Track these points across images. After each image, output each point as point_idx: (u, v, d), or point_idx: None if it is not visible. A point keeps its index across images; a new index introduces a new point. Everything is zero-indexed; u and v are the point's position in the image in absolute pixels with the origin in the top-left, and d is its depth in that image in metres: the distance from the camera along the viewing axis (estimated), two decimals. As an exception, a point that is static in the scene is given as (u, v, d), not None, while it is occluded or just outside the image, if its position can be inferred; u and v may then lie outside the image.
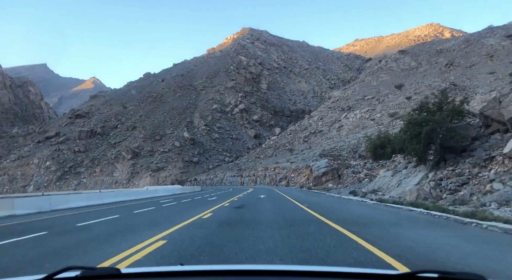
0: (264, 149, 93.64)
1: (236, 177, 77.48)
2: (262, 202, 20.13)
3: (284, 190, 41.62)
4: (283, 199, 23.17)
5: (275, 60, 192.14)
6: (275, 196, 28.08)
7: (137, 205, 21.13)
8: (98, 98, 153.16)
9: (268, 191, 39.77)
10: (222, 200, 22.84)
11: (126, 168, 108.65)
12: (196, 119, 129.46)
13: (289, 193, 32.95)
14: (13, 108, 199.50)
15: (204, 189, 62.71)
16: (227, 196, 29.34)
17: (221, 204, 18.53)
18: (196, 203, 21.27)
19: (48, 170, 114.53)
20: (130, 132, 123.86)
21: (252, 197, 26.39)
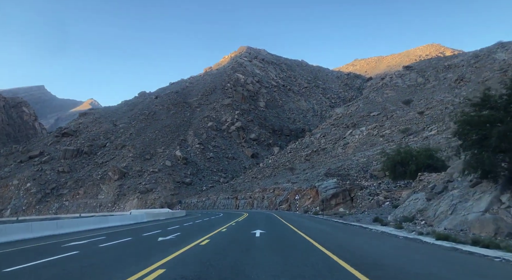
0: (262, 168, 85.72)
1: (230, 199, 69.20)
2: (257, 251, 10.01)
3: (288, 216, 33.49)
4: (297, 239, 14.16)
5: (274, 79, 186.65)
6: (279, 230, 18.74)
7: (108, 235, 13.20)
8: (87, 116, 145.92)
9: (267, 218, 31.58)
10: (185, 240, 13.29)
11: (112, 189, 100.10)
12: (190, 137, 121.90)
13: (298, 222, 24.76)
14: (6, 128, 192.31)
15: (190, 213, 54.49)
16: (202, 228, 20.92)
17: (163, 260, 8.62)
18: (122, 251, 11.38)
19: (27, 192, 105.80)
20: (118, 151, 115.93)
21: (241, 232, 17.36)
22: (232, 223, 24.54)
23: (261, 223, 24.20)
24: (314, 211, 41.31)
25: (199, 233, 16.46)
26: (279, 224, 22.85)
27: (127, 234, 18.56)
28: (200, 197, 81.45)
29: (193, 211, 68.98)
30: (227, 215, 40.26)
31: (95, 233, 19.35)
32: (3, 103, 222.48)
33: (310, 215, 38.93)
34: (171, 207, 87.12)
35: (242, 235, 15.51)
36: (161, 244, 12.83)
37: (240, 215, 38.31)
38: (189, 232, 18.79)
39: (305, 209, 43.56)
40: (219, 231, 17.80)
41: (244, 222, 25.97)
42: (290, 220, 26.72)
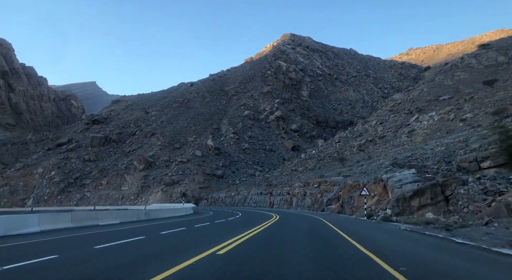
0: (304, 159, 71.63)
1: (263, 195, 55.99)
2: None
3: (350, 227, 19.54)
4: None
5: (319, 67, 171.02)
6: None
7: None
8: (120, 103, 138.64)
9: (312, 231, 17.72)
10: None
11: (137, 180, 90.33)
12: (224, 126, 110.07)
13: (393, 249, 10.47)
14: (55, 120, 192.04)
15: (199, 212, 42.11)
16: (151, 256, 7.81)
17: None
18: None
19: (51, 181, 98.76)
20: (147, 140, 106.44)
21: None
22: (234, 239, 11.33)
23: (298, 247, 10.53)
24: (383, 215, 27.11)
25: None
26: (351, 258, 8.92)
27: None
28: (229, 191, 68.97)
29: (212, 208, 56.50)
30: (247, 217, 27.37)
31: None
32: (53, 96, 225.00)
33: (377, 222, 24.95)
34: (198, 202, 75.59)
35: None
36: None
37: (266, 218, 25.12)
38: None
39: (369, 211, 29.36)
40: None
41: (262, 237, 12.59)
42: (364, 239, 12.68)
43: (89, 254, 8.96)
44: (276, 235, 13.43)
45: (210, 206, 69.98)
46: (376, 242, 11.87)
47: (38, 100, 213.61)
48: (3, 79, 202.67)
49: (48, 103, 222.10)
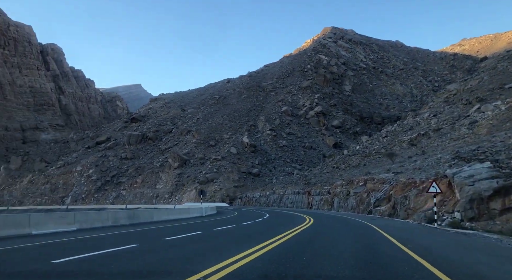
0: (347, 156, 64.99)
1: (301, 195, 50.37)
2: None
3: (450, 254, 12.24)
4: None
5: (362, 60, 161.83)
6: None
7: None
8: (158, 101, 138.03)
9: (370, 260, 11.98)
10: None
11: (171, 178, 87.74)
12: (261, 122, 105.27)
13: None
14: (102, 121, 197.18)
15: (223, 212, 37.32)
16: None
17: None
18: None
19: (88, 179, 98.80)
20: (183, 137, 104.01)
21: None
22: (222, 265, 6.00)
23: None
24: (450, 220, 20.92)
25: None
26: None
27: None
28: (263, 190, 63.97)
29: (243, 208, 51.63)
30: (269, 223, 22.06)
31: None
32: (100, 98, 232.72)
33: (442, 230, 18.94)
34: (232, 202, 71.34)
35: None
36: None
37: (295, 224, 19.70)
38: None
39: (428, 215, 23.15)
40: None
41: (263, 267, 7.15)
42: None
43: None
44: (293, 263, 7.90)
45: (244, 205, 65.39)
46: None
47: (86, 102, 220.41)
48: (54, 82, 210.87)
49: (95, 105, 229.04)
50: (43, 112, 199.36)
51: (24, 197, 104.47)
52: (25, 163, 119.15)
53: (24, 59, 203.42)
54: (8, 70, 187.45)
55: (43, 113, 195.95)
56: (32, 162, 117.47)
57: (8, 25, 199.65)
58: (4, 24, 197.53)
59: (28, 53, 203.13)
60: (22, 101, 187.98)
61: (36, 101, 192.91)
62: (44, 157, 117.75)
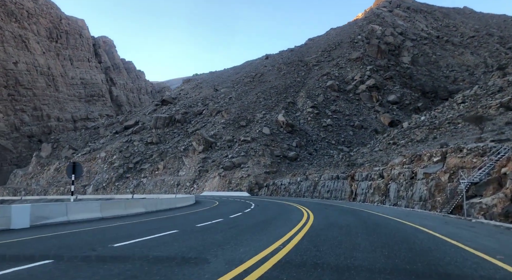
0: (407, 129, 48.04)
1: (340, 181, 35.12)
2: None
3: None
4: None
5: (423, 30, 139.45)
6: None
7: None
8: (190, 82, 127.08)
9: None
10: None
11: (195, 164, 75.78)
12: (301, 99, 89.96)
13: None
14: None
15: (207, 207, 23.47)
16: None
17: None
18: None
19: (111, 166, 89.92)
20: (212, 118, 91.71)
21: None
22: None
23: None
24: None
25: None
26: None
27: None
28: (294, 176, 49.24)
29: (262, 199, 37.50)
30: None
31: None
32: (150, 89, 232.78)
33: None
34: (255, 192, 57.53)
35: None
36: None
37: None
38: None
39: None
40: None
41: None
42: None
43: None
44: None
45: (272, 195, 51.28)
46: None
47: (137, 93, 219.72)
48: (105, 74, 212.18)
49: (145, 96, 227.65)
50: (94, 103, 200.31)
51: (50, 186, 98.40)
52: (55, 150, 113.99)
53: (76, 51, 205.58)
54: (60, 63, 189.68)
55: (93, 104, 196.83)
56: (61, 149, 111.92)
57: (60, 19, 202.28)
58: (57, 17, 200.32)
59: (80, 45, 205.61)
60: (74, 93, 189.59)
61: (87, 92, 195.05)
62: (72, 144, 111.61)
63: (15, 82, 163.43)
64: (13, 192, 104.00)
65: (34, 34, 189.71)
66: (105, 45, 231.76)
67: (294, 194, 44.43)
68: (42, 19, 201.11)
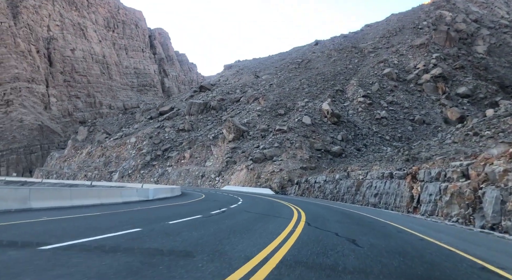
0: (494, 118, 35.02)
1: (395, 181, 23.84)
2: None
3: None
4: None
5: (504, 17, 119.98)
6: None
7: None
8: (232, 68, 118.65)
9: None
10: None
11: (223, 154, 66.79)
12: (351, 88, 77.73)
13: None
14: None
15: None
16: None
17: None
18: None
19: (138, 153, 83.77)
20: (248, 106, 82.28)
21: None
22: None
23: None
24: None
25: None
26: None
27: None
28: (332, 172, 38.18)
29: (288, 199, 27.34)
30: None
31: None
32: (202, 81, 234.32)
33: None
34: (284, 190, 47.24)
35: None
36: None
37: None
38: None
39: None
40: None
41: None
42: None
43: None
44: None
45: (303, 195, 40.70)
46: None
47: (188, 85, 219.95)
48: (159, 65, 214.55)
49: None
50: (145, 92, 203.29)
51: (80, 170, 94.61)
52: (90, 134, 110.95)
53: (131, 41, 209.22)
54: (116, 52, 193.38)
55: (145, 94, 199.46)
56: (96, 133, 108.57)
57: (118, 9, 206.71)
58: (115, 7, 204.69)
59: (135, 35, 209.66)
60: (127, 82, 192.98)
61: (139, 82, 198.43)
62: (107, 128, 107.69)
63: (71, 69, 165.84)
64: (46, 174, 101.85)
65: (92, 23, 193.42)
66: (160, 37, 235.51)
67: (330, 195, 33.56)
68: (100, 8, 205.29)
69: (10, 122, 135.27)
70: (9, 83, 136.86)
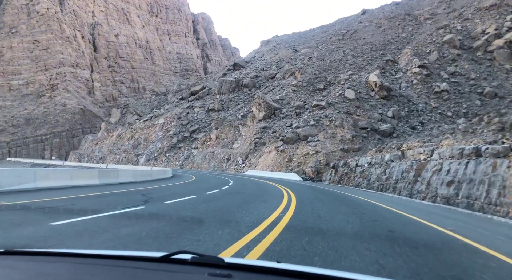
0: None
1: (484, 162, 14.37)
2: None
3: None
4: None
5: None
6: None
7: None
8: (269, 44, 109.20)
9: None
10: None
11: (251, 134, 58.54)
12: (404, 57, 65.94)
13: None
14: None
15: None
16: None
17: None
18: None
19: (166, 135, 77.84)
20: (283, 81, 73.07)
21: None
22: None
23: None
24: None
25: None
26: None
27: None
28: (380, 151, 28.59)
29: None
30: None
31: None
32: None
33: None
34: (319, 176, 38.27)
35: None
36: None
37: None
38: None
39: None
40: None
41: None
42: None
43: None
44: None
45: (340, 182, 31.55)
46: None
47: None
48: (201, 50, 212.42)
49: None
50: (188, 77, 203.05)
51: (110, 153, 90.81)
52: (123, 116, 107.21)
53: (174, 26, 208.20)
54: (159, 37, 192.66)
55: (187, 79, 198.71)
56: (128, 115, 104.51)
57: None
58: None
59: (178, 20, 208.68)
60: (170, 67, 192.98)
61: (182, 66, 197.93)
62: (138, 110, 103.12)
63: (116, 54, 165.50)
64: (78, 157, 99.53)
65: (135, 8, 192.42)
66: (203, 21, 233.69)
67: (377, 182, 24.25)
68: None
69: (54, 107, 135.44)
70: (54, 69, 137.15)
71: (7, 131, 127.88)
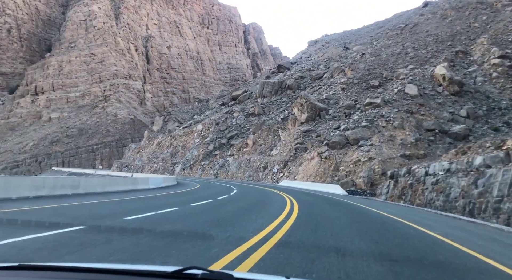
0: None
1: None
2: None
3: None
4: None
5: None
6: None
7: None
8: (317, 44, 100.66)
9: None
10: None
11: (292, 139, 50.41)
12: (480, 47, 54.53)
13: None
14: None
15: None
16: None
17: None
18: None
19: (202, 142, 71.99)
20: (330, 80, 64.26)
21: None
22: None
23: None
24: None
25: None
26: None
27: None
28: (463, 153, 19.37)
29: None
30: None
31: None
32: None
33: None
34: (373, 188, 29.29)
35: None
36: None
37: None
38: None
39: None
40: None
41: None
42: None
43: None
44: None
45: (400, 199, 22.51)
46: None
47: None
48: (252, 60, 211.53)
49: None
50: (237, 87, 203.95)
51: (149, 161, 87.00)
52: (166, 124, 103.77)
53: (225, 36, 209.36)
54: (210, 48, 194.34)
55: (237, 89, 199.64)
56: (169, 122, 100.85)
57: (212, 5, 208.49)
58: (210, 4, 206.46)
59: (228, 31, 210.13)
60: (220, 77, 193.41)
61: (232, 76, 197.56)
62: (179, 117, 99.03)
63: (167, 66, 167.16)
64: (120, 166, 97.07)
65: (187, 20, 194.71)
66: (254, 31, 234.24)
67: (461, 200, 15.33)
68: (196, 5, 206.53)
69: (105, 117, 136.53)
70: (108, 80, 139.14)
71: (62, 141, 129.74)
